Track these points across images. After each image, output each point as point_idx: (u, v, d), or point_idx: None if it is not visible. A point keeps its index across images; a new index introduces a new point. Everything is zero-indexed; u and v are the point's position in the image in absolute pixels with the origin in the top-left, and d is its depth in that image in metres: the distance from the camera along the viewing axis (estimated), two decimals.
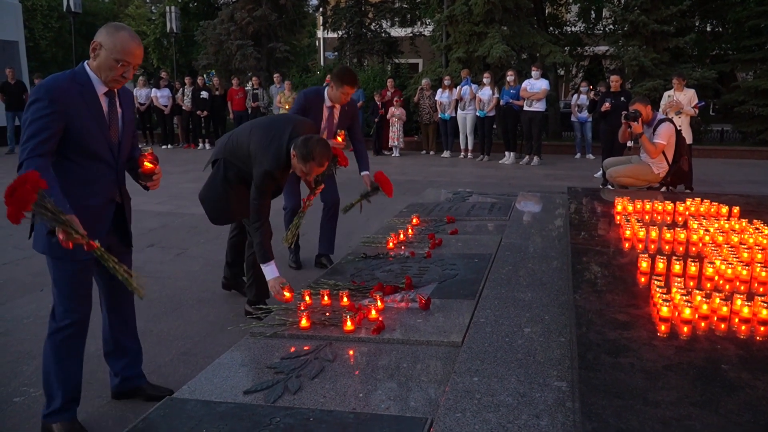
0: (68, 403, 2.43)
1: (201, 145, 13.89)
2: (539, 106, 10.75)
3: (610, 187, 6.71)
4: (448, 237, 4.59)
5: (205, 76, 16.45)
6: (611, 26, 15.97)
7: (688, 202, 4.38)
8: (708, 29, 16.64)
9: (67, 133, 2.28)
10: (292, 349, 2.77)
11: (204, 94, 13.45)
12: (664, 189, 5.87)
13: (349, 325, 2.90)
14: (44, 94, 2.22)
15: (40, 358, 3.17)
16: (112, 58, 2.29)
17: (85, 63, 2.38)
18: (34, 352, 3.31)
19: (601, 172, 8.66)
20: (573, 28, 17.38)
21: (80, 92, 2.30)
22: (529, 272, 3.59)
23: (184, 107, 13.48)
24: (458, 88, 11.85)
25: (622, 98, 8.55)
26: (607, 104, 8.50)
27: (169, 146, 13.86)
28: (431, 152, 12.79)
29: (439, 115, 12.15)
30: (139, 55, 2.36)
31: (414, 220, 5.03)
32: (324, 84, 3.53)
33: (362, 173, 4.59)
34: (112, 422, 2.57)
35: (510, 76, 11.10)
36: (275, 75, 14.24)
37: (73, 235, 2.08)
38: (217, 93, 13.69)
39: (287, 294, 3.26)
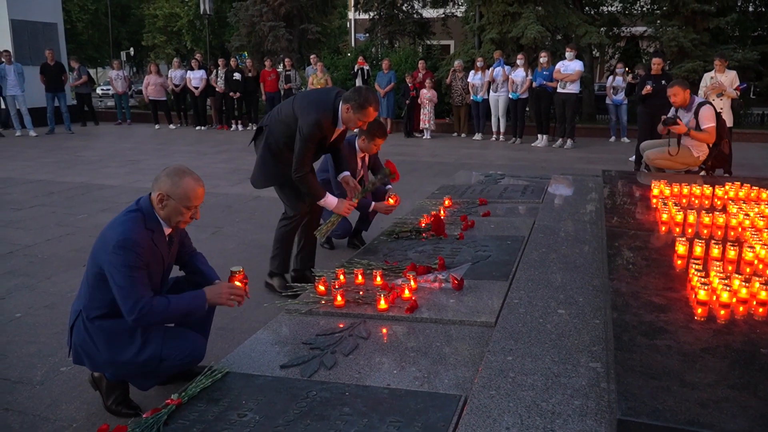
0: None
1: (234, 126, 14.02)
2: (573, 88, 10.56)
3: (645, 170, 6.59)
4: (481, 219, 4.58)
5: (237, 57, 16.53)
6: (649, 6, 15.53)
7: (727, 186, 4.29)
8: (750, 9, 16.06)
9: None
10: (340, 324, 2.82)
11: (237, 75, 13.54)
12: (702, 173, 5.75)
13: (382, 304, 2.94)
14: (132, 247, 2.25)
15: None
16: (181, 206, 2.35)
17: (150, 201, 2.38)
18: None
19: (635, 156, 8.51)
20: (610, 8, 16.94)
21: (152, 238, 2.35)
22: (562, 255, 3.58)
23: (217, 89, 13.60)
24: (491, 69, 11.70)
25: (663, 81, 8.34)
26: (648, 87, 8.31)
27: (203, 128, 14.03)
28: (462, 135, 12.70)
29: (472, 97, 12.04)
30: (203, 195, 2.42)
31: (446, 202, 5.03)
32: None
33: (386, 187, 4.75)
34: (154, 393, 2.66)
35: (543, 58, 10.91)
36: (312, 56, 14.24)
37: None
38: (249, 75, 13.77)
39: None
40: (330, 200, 3.66)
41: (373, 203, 4.42)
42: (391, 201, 4.42)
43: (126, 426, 1.95)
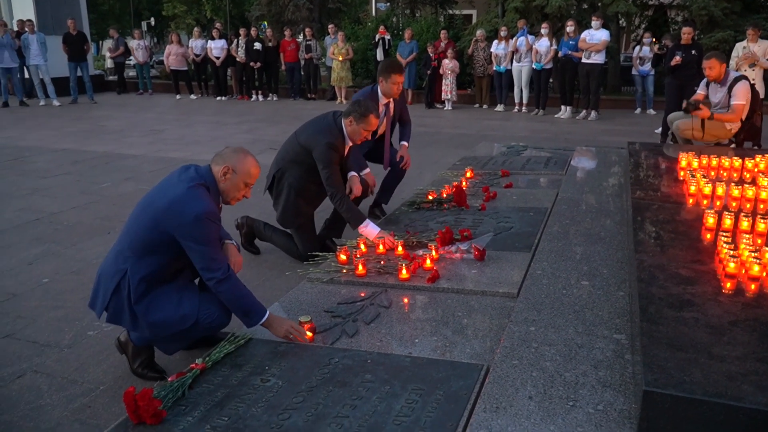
0: None
1: (254, 96, 13.99)
2: (598, 58, 10.31)
3: (671, 142, 6.45)
4: (503, 190, 4.54)
5: (258, 27, 16.41)
6: None
7: (757, 159, 4.19)
8: None
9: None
10: (362, 293, 2.82)
11: (257, 45, 13.45)
12: (733, 146, 5.61)
13: (404, 274, 2.94)
14: (214, 220, 2.37)
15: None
16: (242, 182, 2.49)
17: (212, 175, 2.46)
18: None
19: (661, 128, 8.33)
20: None
21: (218, 215, 2.44)
22: (585, 227, 3.54)
23: (238, 59, 13.54)
24: (514, 39, 11.48)
25: (693, 51, 8.11)
26: (677, 58, 8.08)
27: (223, 98, 14.02)
28: (484, 106, 12.52)
29: (494, 68, 11.84)
30: (258, 174, 2.57)
31: (468, 173, 4.98)
32: (369, 84, 3.56)
33: (401, 142, 4.71)
34: (178, 357, 2.70)
35: (570, 27, 10.65)
36: (330, 26, 14.09)
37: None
38: (269, 44, 13.67)
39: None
40: (370, 229, 3.44)
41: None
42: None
43: (152, 389, 1.98)
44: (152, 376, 2.54)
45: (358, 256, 3.18)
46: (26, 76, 13.07)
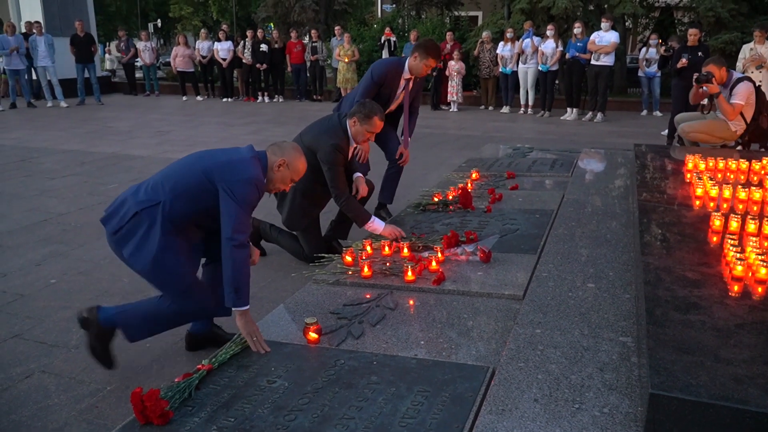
0: None
1: (260, 98, 14.02)
2: (607, 60, 10.29)
3: (677, 144, 6.44)
4: (509, 192, 4.53)
5: (264, 29, 16.45)
6: None
7: (764, 161, 4.17)
8: None
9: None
10: (368, 294, 2.83)
11: (263, 47, 13.49)
12: (739, 147, 5.59)
13: (409, 275, 2.94)
14: (260, 188, 2.51)
15: (117, 296, 3.38)
16: (290, 177, 2.64)
17: (267, 161, 2.57)
18: (112, 290, 3.52)
19: (667, 130, 8.31)
20: None
21: (263, 191, 2.58)
22: (592, 229, 3.53)
23: (244, 60, 13.58)
24: (520, 40, 11.47)
25: (700, 53, 8.08)
26: (684, 60, 8.06)
27: (230, 99, 14.06)
28: (490, 107, 12.52)
29: (500, 69, 11.83)
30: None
31: (473, 175, 4.98)
32: (396, 55, 3.53)
33: (403, 136, 4.65)
34: (185, 358, 2.72)
35: (577, 28, 10.64)
36: (336, 27, 14.11)
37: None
38: (276, 46, 13.71)
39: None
40: (377, 225, 3.46)
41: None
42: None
43: (159, 390, 1.99)
44: (105, 361, 2.58)
45: (364, 257, 3.19)
46: (34, 77, 13.14)
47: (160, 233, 2.44)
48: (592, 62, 10.35)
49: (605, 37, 10.22)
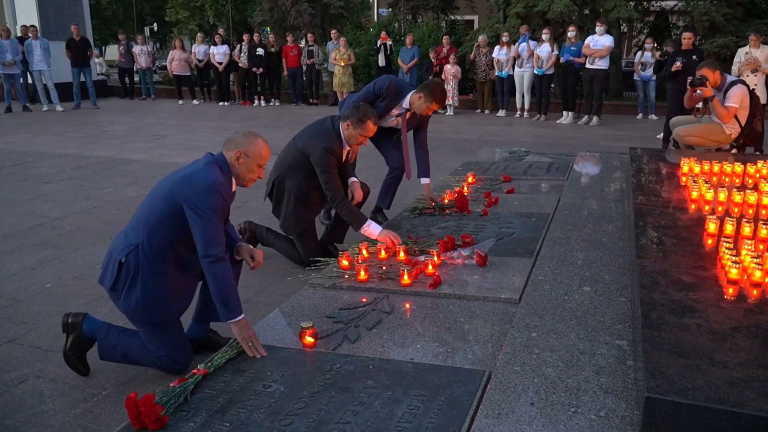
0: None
1: (256, 102, 14.02)
2: (602, 64, 10.33)
3: (673, 147, 6.46)
4: (505, 196, 4.54)
5: (260, 33, 16.46)
6: None
7: (759, 164, 4.19)
8: None
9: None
10: (364, 298, 2.83)
11: (259, 51, 13.50)
12: (734, 151, 5.61)
13: (406, 279, 2.94)
14: (222, 192, 2.41)
15: (112, 302, 3.35)
16: (255, 164, 2.56)
17: (225, 159, 2.53)
18: (107, 296, 3.48)
19: (663, 134, 8.33)
20: None
21: (229, 192, 2.50)
22: (588, 232, 3.54)
23: (240, 64, 13.58)
24: (516, 44, 11.50)
25: (694, 57, 8.11)
26: (678, 63, 8.10)
27: (226, 103, 14.05)
28: (486, 111, 12.54)
29: (497, 73, 11.86)
30: (269, 155, 2.65)
31: (469, 179, 4.99)
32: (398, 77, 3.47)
33: (422, 181, 4.42)
34: None
35: (571, 32, 10.67)
36: (332, 32, 14.14)
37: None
38: (272, 50, 13.72)
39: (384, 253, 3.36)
40: (372, 229, 3.46)
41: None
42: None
43: (154, 395, 1.98)
44: (77, 368, 2.59)
45: (360, 261, 3.18)
46: (29, 81, 13.12)
47: (147, 277, 2.42)
48: (587, 66, 10.39)
49: (600, 41, 10.26)
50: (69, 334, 2.60)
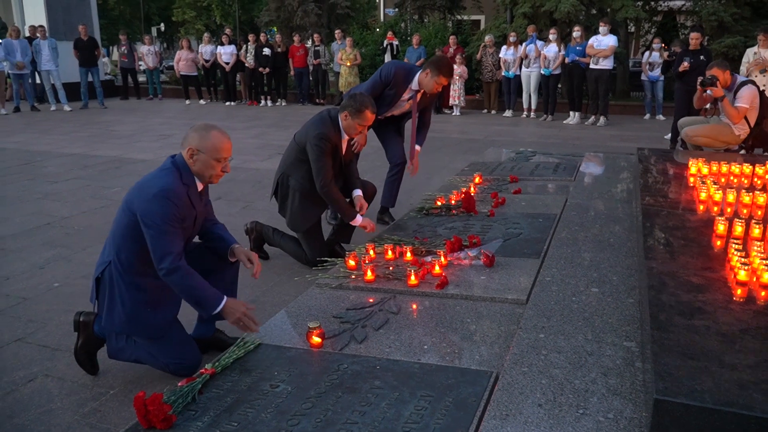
0: None
1: (263, 101, 14.04)
2: (606, 64, 10.29)
3: (681, 148, 6.43)
4: (512, 196, 4.53)
5: (267, 33, 16.49)
6: None
7: None
8: None
9: None
10: (371, 299, 2.83)
11: (266, 51, 13.52)
12: (742, 152, 5.59)
13: (413, 280, 2.94)
14: (172, 198, 2.31)
15: None
16: (211, 159, 2.40)
17: (183, 159, 2.43)
18: None
19: (670, 134, 8.30)
20: None
21: (187, 192, 2.41)
22: (595, 233, 3.53)
23: (247, 64, 13.61)
24: (523, 45, 11.48)
25: (702, 57, 8.08)
26: (686, 63, 8.06)
27: (232, 103, 14.08)
28: (493, 111, 12.53)
29: (503, 73, 11.84)
30: (231, 148, 2.47)
31: (476, 179, 4.98)
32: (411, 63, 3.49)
33: (416, 147, 4.64)
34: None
35: (576, 32, 10.64)
36: (337, 32, 14.15)
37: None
38: (278, 50, 13.74)
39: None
40: (357, 218, 3.71)
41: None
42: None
43: (162, 394, 1.99)
44: (87, 367, 2.61)
45: (367, 261, 3.18)
46: (38, 81, 13.19)
47: (123, 292, 2.42)
48: (591, 66, 10.36)
49: (603, 41, 10.22)
50: (80, 333, 2.62)
